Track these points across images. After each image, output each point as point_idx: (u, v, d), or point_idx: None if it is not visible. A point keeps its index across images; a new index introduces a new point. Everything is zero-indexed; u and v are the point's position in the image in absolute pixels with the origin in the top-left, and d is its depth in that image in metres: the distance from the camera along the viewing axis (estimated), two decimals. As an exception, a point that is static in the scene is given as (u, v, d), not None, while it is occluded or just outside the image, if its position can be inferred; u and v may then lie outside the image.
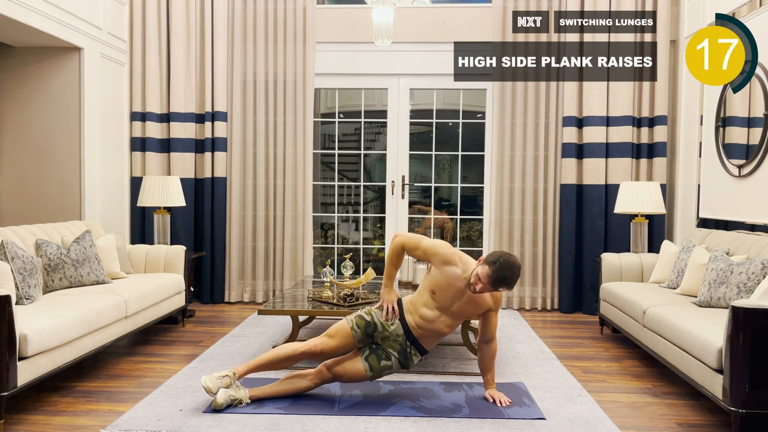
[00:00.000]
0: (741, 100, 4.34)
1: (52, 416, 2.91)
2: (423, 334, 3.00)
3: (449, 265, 2.90)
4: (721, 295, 3.45)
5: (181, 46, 5.59)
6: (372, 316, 3.03)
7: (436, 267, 2.93)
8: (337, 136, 6.23)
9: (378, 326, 3.01)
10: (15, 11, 4.15)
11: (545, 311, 5.63)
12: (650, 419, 2.96)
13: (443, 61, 5.62)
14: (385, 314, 3.01)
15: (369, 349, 3.02)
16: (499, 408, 2.97)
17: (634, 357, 4.05)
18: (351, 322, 3.01)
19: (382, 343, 3.02)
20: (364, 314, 3.04)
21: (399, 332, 3.00)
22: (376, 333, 3.01)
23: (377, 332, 3.01)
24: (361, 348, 3.03)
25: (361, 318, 3.02)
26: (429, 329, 2.98)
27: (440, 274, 2.92)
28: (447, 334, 3.07)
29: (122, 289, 3.86)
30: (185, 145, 5.66)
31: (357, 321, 3.01)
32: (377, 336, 3.02)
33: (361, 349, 3.03)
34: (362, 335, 3.00)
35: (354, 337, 2.99)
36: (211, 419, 2.81)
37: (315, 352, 2.98)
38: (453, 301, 2.93)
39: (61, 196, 4.97)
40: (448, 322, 2.98)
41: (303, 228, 5.77)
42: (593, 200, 5.47)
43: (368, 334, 3.01)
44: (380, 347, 3.02)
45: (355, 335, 2.99)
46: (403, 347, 3.00)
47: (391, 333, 3.00)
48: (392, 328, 3.00)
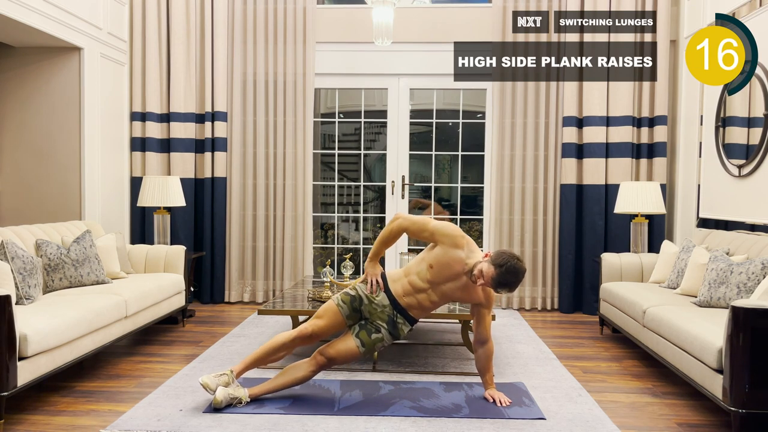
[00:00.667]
0: (741, 100, 4.34)
1: (52, 416, 2.91)
2: (409, 303, 3.00)
3: (456, 248, 2.91)
4: (721, 295, 3.45)
5: (181, 46, 5.59)
6: (357, 290, 3.04)
7: (442, 247, 2.93)
8: (337, 136, 6.23)
9: (363, 299, 3.01)
10: (15, 11, 4.15)
11: (545, 311, 5.63)
12: (650, 419, 2.96)
13: (443, 61, 5.62)
14: (370, 287, 3.02)
15: (358, 326, 3.03)
16: (499, 408, 2.97)
17: (634, 357, 4.05)
18: (337, 300, 3.03)
19: (370, 316, 3.02)
20: (348, 290, 3.06)
21: (385, 302, 3.00)
22: (362, 306, 3.02)
23: (363, 305, 3.01)
24: (351, 326, 3.04)
25: (346, 294, 3.04)
26: (414, 299, 2.99)
27: (444, 253, 2.92)
28: (430, 310, 3.07)
29: (122, 289, 3.86)
30: (185, 145, 5.66)
31: (342, 297, 3.03)
32: (364, 310, 3.02)
33: (351, 327, 3.03)
34: (349, 310, 3.00)
35: (341, 313, 3.00)
36: (211, 419, 2.81)
37: (306, 334, 2.98)
38: (446, 281, 2.95)
39: (61, 196, 4.97)
40: (434, 299, 2.99)
41: (303, 228, 5.77)
42: (593, 200, 5.47)
43: (355, 309, 3.01)
44: (369, 321, 3.02)
45: (342, 311, 3.00)
46: (390, 317, 3.01)
47: (377, 304, 3.00)
48: (378, 299, 3.01)
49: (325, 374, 3.40)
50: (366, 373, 3.54)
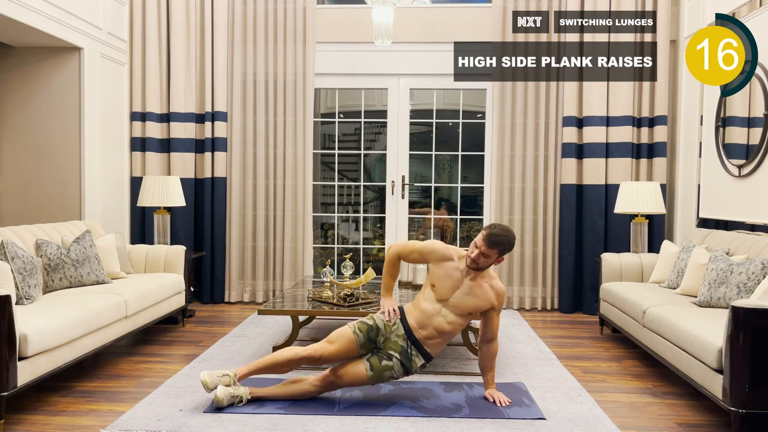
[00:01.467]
0: (741, 100, 4.34)
1: (52, 416, 2.91)
2: (425, 336, 3.00)
3: (446, 260, 3.03)
4: (721, 295, 3.45)
5: (181, 46, 5.59)
6: (374, 320, 3.05)
7: (434, 264, 3.06)
8: (337, 136, 6.23)
9: (381, 329, 3.03)
10: (15, 11, 4.15)
11: (545, 311, 5.63)
12: (650, 419, 2.96)
13: (443, 61, 5.62)
14: (387, 315, 3.04)
15: (371, 352, 3.03)
16: (499, 408, 2.97)
17: (634, 357, 4.05)
18: (353, 327, 3.03)
19: (383, 346, 3.03)
20: (366, 319, 3.07)
21: (400, 332, 3.01)
22: (378, 337, 3.02)
23: (380, 335, 3.02)
24: (363, 354, 3.03)
25: (363, 323, 3.05)
26: (430, 328, 2.98)
27: (439, 268, 3.04)
28: (450, 334, 3.04)
29: (122, 289, 3.86)
30: (185, 145, 5.66)
31: (359, 325, 3.03)
32: (379, 340, 3.03)
33: (363, 355, 3.03)
34: (365, 339, 3.00)
35: (356, 341, 2.99)
36: (211, 419, 2.81)
37: (315, 357, 2.97)
38: (452, 292, 2.98)
39: (61, 196, 4.97)
40: (450, 318, 2.99)
41: (303, 228, 5.77)
42: (593, 200, 5.47)
43: (371, 339, 3.01)
44: (382, 350, 3.03)
45: (358, 340, 2.99)
46: (404, 348, 3.00)
47: (392, 333, 3.01)
48: (393, 328, 3.02)
49: (325, 374, 3.40)
50: (366, 373, 3.53)
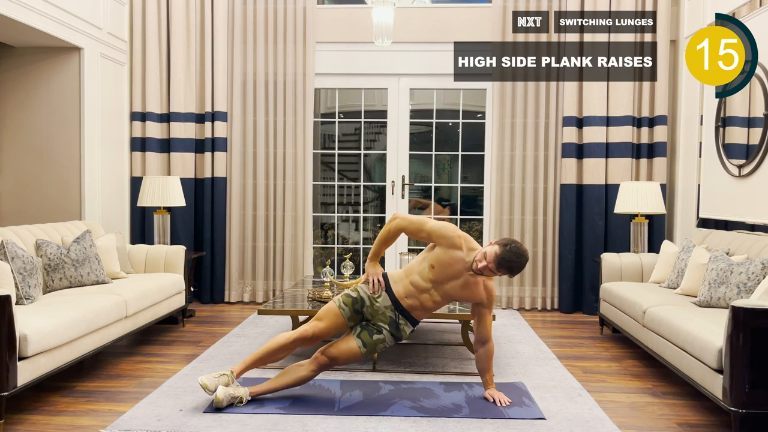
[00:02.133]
0: (741, 100, 4.34)
1: (52, 416, 2.91)
2: (411, 305, 3.00)
3: (454, 249, 2.93)
4: (721, 295, 3.45)
5: (181, 46, 5.59)
6: (358, 292, 3.03)
7: (441, 248, 2.95)
8: (337, 136, 6.23)
9: (365, 300, 3.01)
10: (15, 11, 4.15)
11: (545, 311, 5.63)
12: (650, 419, 2.96)
13: (443, 61, 5.62)
14: (371, 286, 3.01)
15: (360, 326, 3.02)
16: (499, 408, 2.97)
17: (634, 357, 4.05)
18: (338, 302, 3.01)
19: (371, 318, 3.02)
20: (350, 291, 3.04)
21: (387, 303, 3.00)
22: (364, 308, 3.01)
23: (365, 307, 3.01)
24: (352, 327, 3.03)
25: (347, 296, 3.02)
26: (416, 299, 2.99)
27: (444, 253, 2.94)
28: (432, 310, 3.08)
29: (122, 289, 3.86)
30: (185, 145, 5.66)
31: (343, 299, 3.01)
32: (366, 311, 3.01)
33: (353, 328, 3.03)
34: (351, 312, 2.99)
35: (343, 315, 2.99)
36: (211, 419, 2.81)
37: (307, 336, 2.97)
38: (448, 280, 2.96)
39: (61, 196, 4.97)
40: (436, 298, 3.00)
41: (303, 228, 5.77)
42: (593, 200, 5.47)
43: (357, 311, 3.00)
44: (370, 323, 3.02)
45: (344, 313, 2.99)
46: (392, 319, 3.00)
47: (379, 306, 3.00)
48: (379, 300, 3.00)
49: (325, 374, 3.40)
50: (366, 373, 3.54)
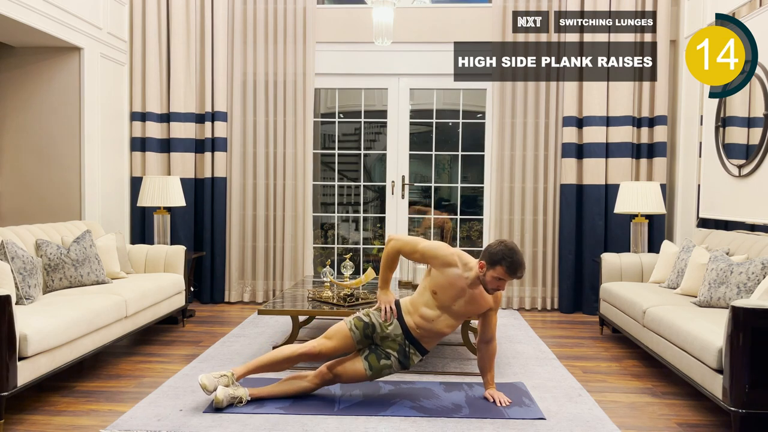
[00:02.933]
0: (741, 100, 4.34)
1: (52, 416, 2.91)
2: (423, 335, 3.00)
3: (450, 267, 2.90)
4: (721, 295, 3.45)
5: (181, 46, 5.59)
6: (370, 317, 3.03)
7: (436, 269, 2.94)
8: (337, 136, 6.23)
9: (376, 327, 3.01)
10: (15, 11, 4.15)
11: (545, 311, 5.63)
12: (650, 419, 2.96)
13: (443, 61, 5.62)
14: (384, 314, 3.02)
15: (368, 349, 3.03)
16: (499, 408, 2.97)
17: (634, 357, 4.05)
18: (349, 324, 3.01)
19: (381, 343, 3.02)
20: (362, 315, 3.05)
21: (397, 332, 3.00)
22: (374, 334, 3.01)
23: (376, 333, 3.01)
24: (360, 349, 3.03)
25: (359, 319, 3.02)
26: (429, 329, 2.98)
27: (441, 275, 2.92)
28: (447, 335, 3.08)
29: (122, 289, 3.86)
30: (185, 145, 5.66)
31: (355, 322, 3.01)
32: (376, 337, 3.02)
33: (361, 350, 3.03)
34: (361, 336, 3.00)
35: (353, 338, 2.99)
36: (211, 419, 2.81)
37: (313, 353, 2.98)
38: (454, 300, 2.94)
39: (61, 196, 4.97)
40: (449, 322, 2.99)
41: (303, 228, 5.77)
42: (593, 200, 5.47)
43: (367, 336, 3.01)
44: (379, 347, 3.02)
45: (354, 336, 2.99)
46: (402, 347, 3.00)
47: (389, 333, 3.00)
48: (390, 328, 3.00)
49: (325, 374, 3.40)
50: (366, 373, 3.53)
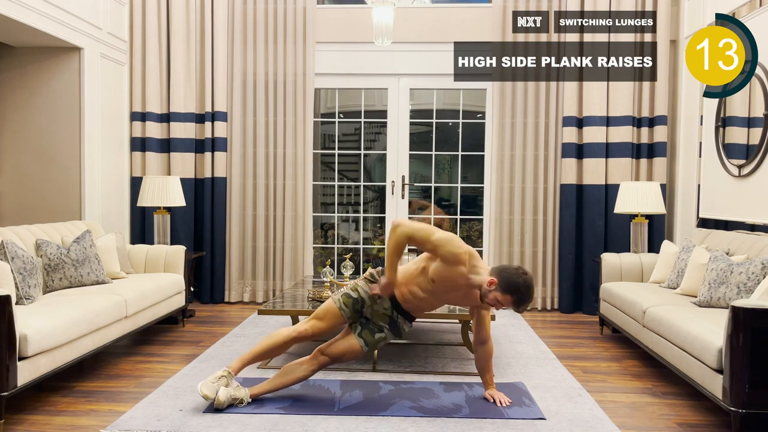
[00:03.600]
0: (741, 100, 4.34)
1: (52, 416, 2.91)
2: (411, 308, 3.03)
3: (457, 264, 2.82)
4: (721, 295, 3.45)
5: (181, 46, 5.59)
6: (358, 292, 3.02)
7: (443, 262, 2.84)
8: (337, 136, 6.23)
9: (366, 301, 3.01)
10: (15, 11, 4.15)
11: (545, 311, 5.63)
12: (650, 419, 2.96)
13: (443, 61, 5.62)
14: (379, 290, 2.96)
15: (360, 324, 3.03)
16: (499, 408, 2.97)
17: (634, 357, 4.05)
18: (338, 302, 3.00)
19: (371, 317, 3.02)
20: (350, 292, 3.03)
21: (386, 305, 3.01)
22: (364, 308, 3.02)
23: (366, 307, 3.01)
24: (351, 324, 3.04)
25: (347, 296, 3.01)
26: (417, 305, 3.01)
27: (446, 268, 2.84)
28: (431, 310, 3.15)
29: (122, 289, 3.86)
30: (185, 145, 5.66)
31: (344, 300, 3.00)
32: (366, 310, 3.02)
33: (353, 326, 3.03)
34: (351, 312, 3.00)
35: (343, 316, 2.99)
36: (211, 419, 2.81)
37: (306, 335, 2.99)
38: (448, 293, 2.96)
39: (61, 196, 4.97)
40: (434, 304, 3.04)
41: (303, 228, 5.77)
42: (593, 200, 5.47)
43: (357, 311, 3.01)
44: (370, 321, 3.03)
45: (345, 314, 2.99)
46: (392, 318, 3.02)
47: (379, 306, 3.01)
48: (379, 301, 3.01)
49: (324, 374, 3.40)
50: (366, 373, 3.53)
